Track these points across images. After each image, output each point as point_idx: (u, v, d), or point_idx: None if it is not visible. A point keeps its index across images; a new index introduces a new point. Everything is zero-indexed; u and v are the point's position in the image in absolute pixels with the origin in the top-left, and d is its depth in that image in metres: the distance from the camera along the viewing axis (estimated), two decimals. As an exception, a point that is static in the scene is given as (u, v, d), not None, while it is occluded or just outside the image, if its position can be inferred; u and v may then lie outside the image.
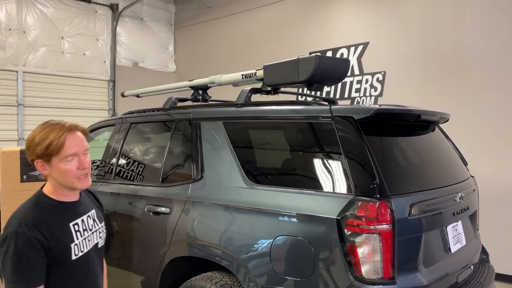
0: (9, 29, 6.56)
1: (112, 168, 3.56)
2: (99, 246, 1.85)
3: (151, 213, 2.98)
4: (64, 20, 7.22)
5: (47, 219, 1.62)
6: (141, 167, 3.41)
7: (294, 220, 2.25)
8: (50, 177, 1.70)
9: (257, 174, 2.62)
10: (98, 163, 3.86)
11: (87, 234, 1.75)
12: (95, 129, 4.10)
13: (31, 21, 6.80)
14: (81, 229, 1.73)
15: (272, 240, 2.28)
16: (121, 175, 3.48)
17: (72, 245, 1.66)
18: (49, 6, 7.02)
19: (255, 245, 2.35)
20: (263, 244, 2.32)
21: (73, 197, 1.75)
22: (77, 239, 1.70)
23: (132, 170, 3.42)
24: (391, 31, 5.69)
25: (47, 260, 1.58)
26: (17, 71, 6.65)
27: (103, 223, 1.93)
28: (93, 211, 1.86)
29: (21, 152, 3.90)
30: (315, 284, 2.13)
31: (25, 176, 3.93)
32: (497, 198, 4.74)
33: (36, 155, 1.64)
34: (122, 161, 3.53)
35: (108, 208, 3.39)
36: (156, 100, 5.15)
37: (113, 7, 7.94)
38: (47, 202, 1.67)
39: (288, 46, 6.83)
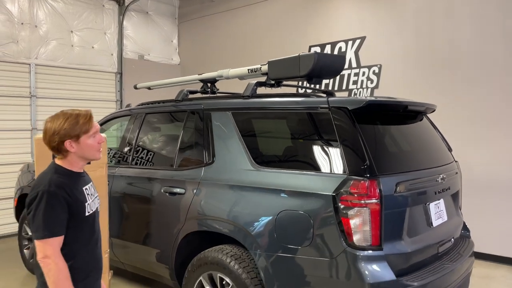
0: (22, 23, 6.83)
1: (130, 154, 3.89)
2: (98, 210, 2.25)
3: (167, 194, 3.32)
4: (73, 15, 7.48)
5: (68, 182, 2.01)
6: (157, 153, 3.74)
7: (295, 197, 2.60)
8: (72, 154, 2.05)
9: (263, 158, 2.96)
10: (116, 150, 4.18)
11: (93, 198, 2.16)
12: (110, 119, 4.42)
13: (42, 15, 7.07)
14: (89, 193, 2.14)
15: (276, 214, 2.63)
16: (138, 160, 3.82)
17: (86, 204, 2.07)
18: (59, 1, 7.29)
19: (261, 219, 2.70)
20: (268, 218, 2.67)
21: (81, 168, 2.15)
22: (89, 200, 2.11)
23: (148, 156, 3.75)
24: (387, 26, 5.98)
25: (68, 215, 1.96)
26: (29, 64, 6.93)
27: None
28: (91, 182, 2.26)
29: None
30: (314, 250, 2.48)
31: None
32: (482, 183, 5.08)
33: (69, 136, 2.01)
34: (139, 148, 3.86)
35: (126, 190, 3.73)
36: (161, 92, 5.46)
37: (119, 2, 8.20)
38: (64, 171, 2.05)
39: (289, 40, 7.12)
